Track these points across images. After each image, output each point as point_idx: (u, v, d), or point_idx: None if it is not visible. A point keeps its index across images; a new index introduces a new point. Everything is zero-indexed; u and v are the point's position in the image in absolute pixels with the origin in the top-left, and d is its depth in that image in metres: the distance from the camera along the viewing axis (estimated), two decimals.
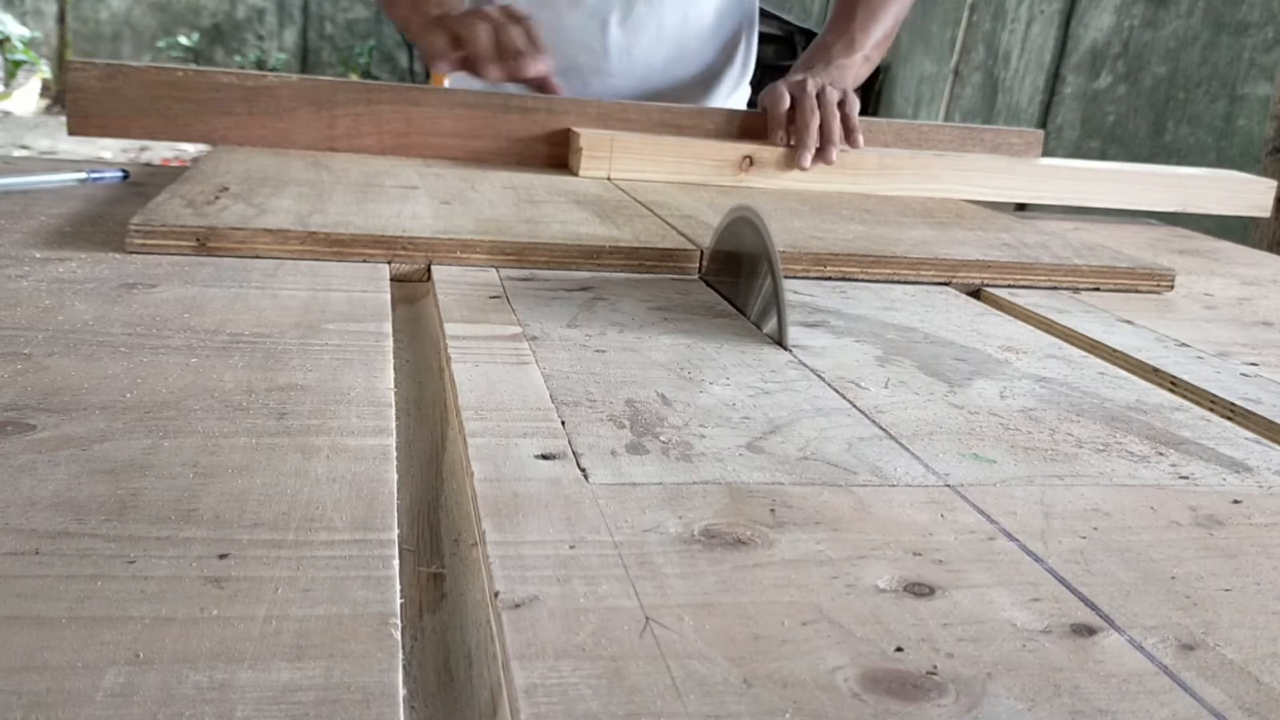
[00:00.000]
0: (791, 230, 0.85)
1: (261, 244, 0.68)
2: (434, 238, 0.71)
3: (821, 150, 1.10)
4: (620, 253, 0.74)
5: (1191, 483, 0.45)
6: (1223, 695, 0.30)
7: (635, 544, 0.36)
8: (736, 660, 0.29)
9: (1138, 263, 0.85)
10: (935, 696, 0.29)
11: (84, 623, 0.29)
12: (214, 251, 0.68)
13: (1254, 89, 4.06)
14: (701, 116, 1.19)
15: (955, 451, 0.47)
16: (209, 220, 0.69)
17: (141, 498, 0.36)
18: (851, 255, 0.78)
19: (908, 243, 0.84)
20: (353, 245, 0.69)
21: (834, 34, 1.25)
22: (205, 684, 0.27)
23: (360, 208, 0.78)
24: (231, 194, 0.78)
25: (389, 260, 0.69)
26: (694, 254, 0.75)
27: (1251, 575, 0.37)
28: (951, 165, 1.14)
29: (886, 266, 0.78)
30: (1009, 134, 1.29)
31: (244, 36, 9.47)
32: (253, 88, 1.04)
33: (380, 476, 0.39)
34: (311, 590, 0.31)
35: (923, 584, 0.35)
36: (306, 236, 0.69)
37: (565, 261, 0.73)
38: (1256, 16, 4.07)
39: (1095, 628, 0.33)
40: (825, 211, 0.96)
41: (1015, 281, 0.80)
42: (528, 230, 0.76)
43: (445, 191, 0.88)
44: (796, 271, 0.77)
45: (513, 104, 1.11)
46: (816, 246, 0.79)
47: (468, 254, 0.71)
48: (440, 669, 0.31)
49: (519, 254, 0.72)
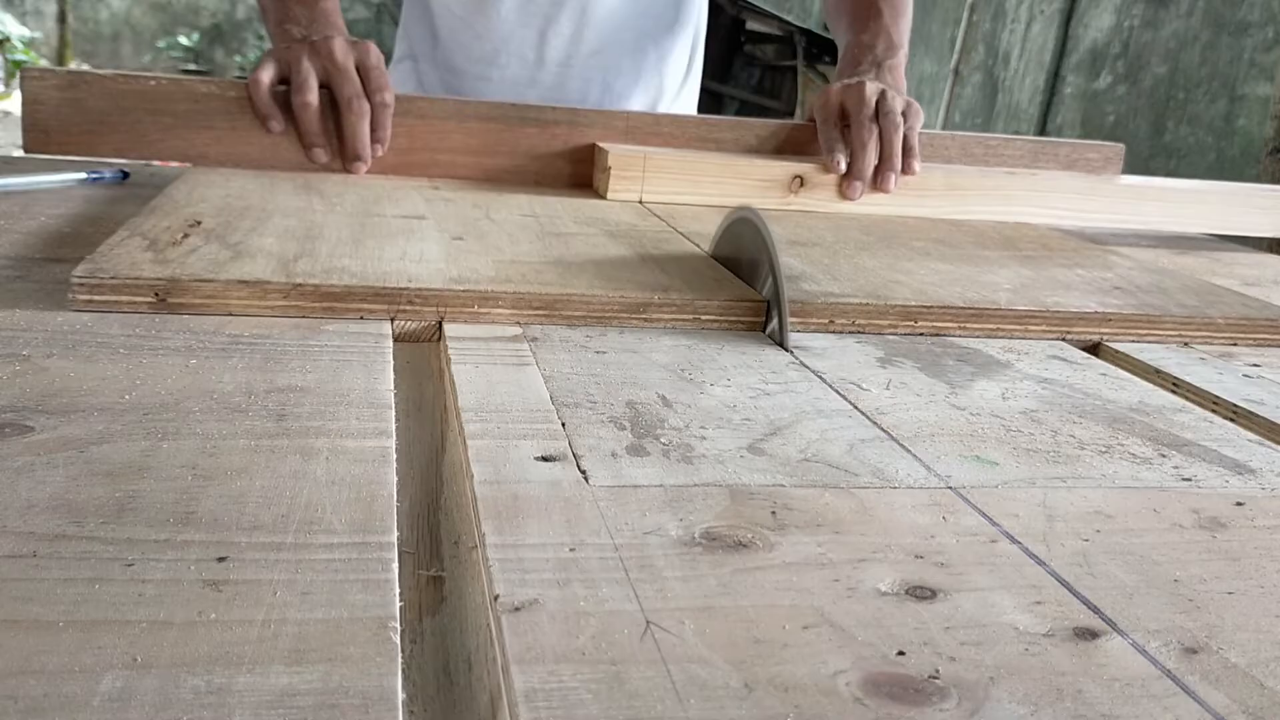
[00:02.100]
0: (864, 271, 0.73)
1: (235, 299, 0.56)
2: (446, 289, 0.59)
3: (879, 177, 0.98)
4: (672, 306, 0.62)
5: (1194, 485, 0.45)
6: (1226, 699, 0.30)
7: (636, 546, 0.35)
8: (737, 664, 0.29)
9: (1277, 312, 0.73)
10: (937, 701, 0.28)
11: (81, 626, 0.29)
12: (177, 309, 0.56)
13: (1254, 89, 4.06)
14: (743, 129, 1.06)
15: (957, 453, 0.47)
16: (171, 269, 0.57)
17: (140, 500, 0.36)
18: (947, 308, 0.66)
19: (1004, 287, 0.72)
20: (347, 299, 0.58)
21: (868, 32, 1.11)
22: (203, 688, 0.27)
23: (357, 247, 0.66)
24: (204, 230, 0.67)
25: (391, 317, 0.58)
26: (760, 307, 0.63)
27: (1255, 578, 0.37)
28: (1026, 185, 1.03)
29: (989, 320, 0.66)
30: (1086, 148, 1.17)
31: (244, 36, 9.47)
32: (235, 98, 0.93)
33: (380, 479, 0.39)
34: (310, 593, 0.31)
35: (924, 587, 0.34)
36: (291, 289, 0.57)
37: (606, 318, 0.61)
38: (1256, 16, 4.07)
39: (1098, 631, 0.33)
40: (894, 243, 0.85)
41: (1140, 336, 0.68)
42: (558, 277, 0.64)
43: (457, 222, 0.77)
44: (883, 328, 0.65)
45: (530, 116, 1.00)
46: (904, 296, 0.67)
47: (487, 308, 0.59)
48: (440, 673, 0.31)
49: (549, 308, 0.60)
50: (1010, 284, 0.73)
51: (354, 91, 0.92)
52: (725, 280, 0.66)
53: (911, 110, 1.00)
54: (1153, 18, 4.60)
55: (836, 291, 0.66)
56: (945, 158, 1.12)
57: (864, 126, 0.97)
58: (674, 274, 0.67)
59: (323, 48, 0.92)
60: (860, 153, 0.97)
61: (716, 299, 0.62)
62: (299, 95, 0.91)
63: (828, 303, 0.64)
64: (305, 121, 0.92)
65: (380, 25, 9.16)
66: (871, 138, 0.97)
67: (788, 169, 0.98)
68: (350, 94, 0.92)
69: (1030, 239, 0.92)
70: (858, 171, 0.97)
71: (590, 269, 0.67)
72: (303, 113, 0.92)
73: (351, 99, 0.92)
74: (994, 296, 0.69)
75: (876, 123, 0.97)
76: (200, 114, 0.93)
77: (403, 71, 1.26)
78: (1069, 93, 5.15)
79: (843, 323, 0.64)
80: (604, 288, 0.62)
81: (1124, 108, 4.76)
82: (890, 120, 0.98)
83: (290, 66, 0.92)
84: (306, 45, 0.93)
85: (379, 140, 0.94)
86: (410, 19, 1.27)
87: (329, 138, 0.93)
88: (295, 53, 0.93)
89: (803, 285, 0.67)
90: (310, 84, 0.91)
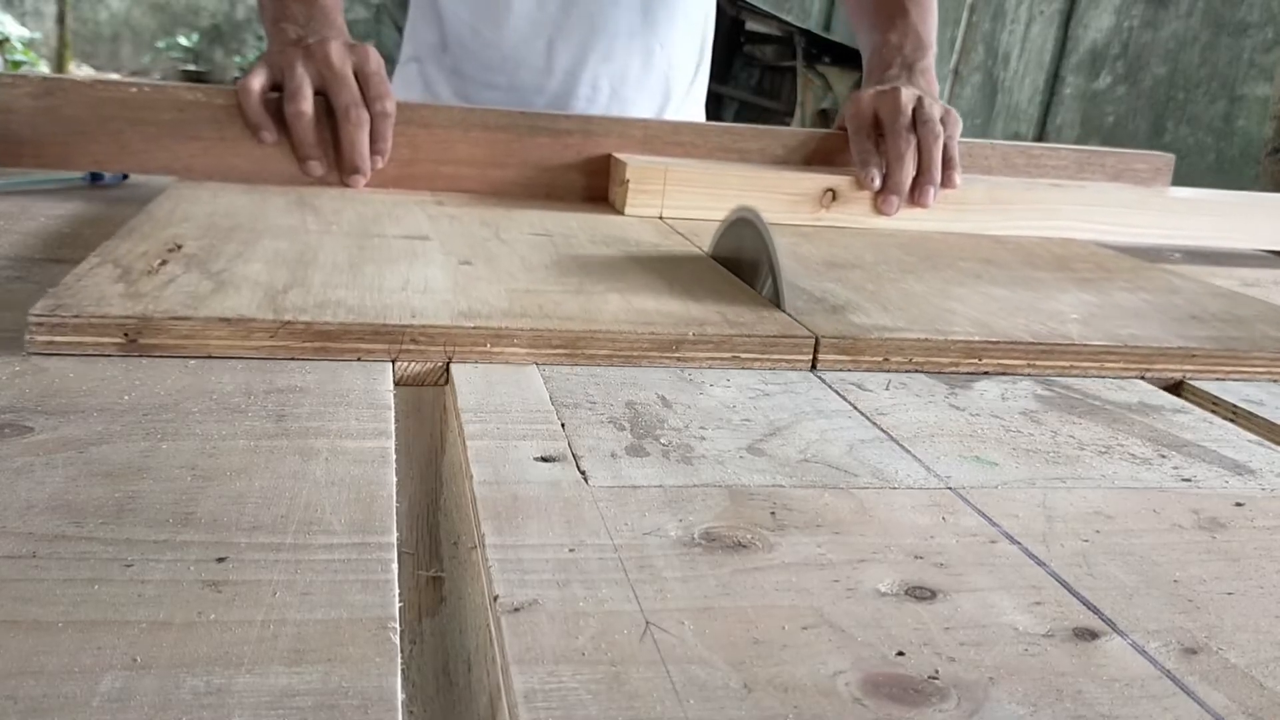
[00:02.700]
0: (914, 299, 0.67)
1: (216, 339, 0.50)
2: (454, 326, 0.53)
3: (917, 191, 0.91)
4: (709, 344, 0.55)
5: (1194, 485, 0.45)
6: (1226, 700, 0.30)
7: (635, 547, 0.35)
8: (737, 665, 0.29)
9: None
10: (937, 701, 0.28)
11: (81, 626, 0.29)
12: (149, 351, 0.50)
13: (1253, 89, 4.06)
14: (769, 138, 1.00)
15: (957, 454, 0.47)
16: (144, 304, 0.51)
17: (139, 500, 0.36)
18: (1015, 344, 0.59)
19: (1071, 316, 0.66)
20: (343, 338, 0.51)
21: (895, 32, 1.04)
22: (202, 689, 0.26)
23: (355, 274, 0.60)
24: (184, 256, 0.61)
25: (393, 358, 0.52)
26: (808, 343, 0.57)
27: (1254, 578, 0.37)
28: (1072, 199, 0.97)
29: (1061, 357, 0.60)
30: (1133, 158, 1.10)
31: (244, 37, 9.48)
32: (224, 106, 0.87)
33: (379, 479, 0.39)
34: (310, 594, 0.31)
35: (924, 587, 0.34)
36: (278, 328, 0.51)
37: (635, 356, 0.55)
38: (1256, 17, 4.07)
39: (1097, 631, 0.33)
40: (939, 264, 0.79)
41: (1226, 374, 0.62)
42: (580, 308, 0.58)
43: (464, 243, 0.71)
44: (943, 366, 0.58)
45: (541, 125, 0.94)
46: (964, 329, 0.60)
47: (501, 347, 0.53)
48: (439, 673, 0.31)
49: (570, 346, 0.54)
50: (1076, 313, 0.67)
51: (352, 99, 0.86)
52: (766, 312, 0.60)
53: (950, 118, 0.95)
54: (1152, 18, 4.61)
55: (890, 325, 0.60)
56: (985, 168, 1.05)
57: (900, 136, 0.91)
58: (707, 303, 0.61)
59: (318, 51, 0.87)
60: (897, 165, 0.91)
61: (757, 334, 0.56)
62: (292, 104, 0.86)
63: (882, 339, 0.58)
64: (299, 132, 0.86)
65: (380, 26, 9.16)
66: (909, 149, 0.91)
67: (818, 182, 0.92)
68: (348, 102, 0.86)
69: (1082, 258, 0.87)
70: (894, 185, 0.91)
71: (614, 299, 0.60)
72: (296, 122, 0.86)
73: (349, 107, 0.86)
74: (1064, 329, 0.63)
75: (914, 132, 0.92)
76: (186, 123, 0.87)
77: (408, 74, 1.23)
78: (1068, 93, 5.15)
79: (898, 360, 0.58)
80: (631, 322, 0.56)
81: (1123, 108, 4.76)
82: (929, 129, 0.92)
83: (283, 72, 0.87)
84: (301, 49, 0.87)
85: (379, 152, 0.88)
86: (418, 21, 1.23)
87: (325, 149, 0.88)
88: (289, 57, 0.87)
89: (850, 317, 0.61)
90: (304, 91, 0.86)
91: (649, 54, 1.20)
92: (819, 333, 0.57)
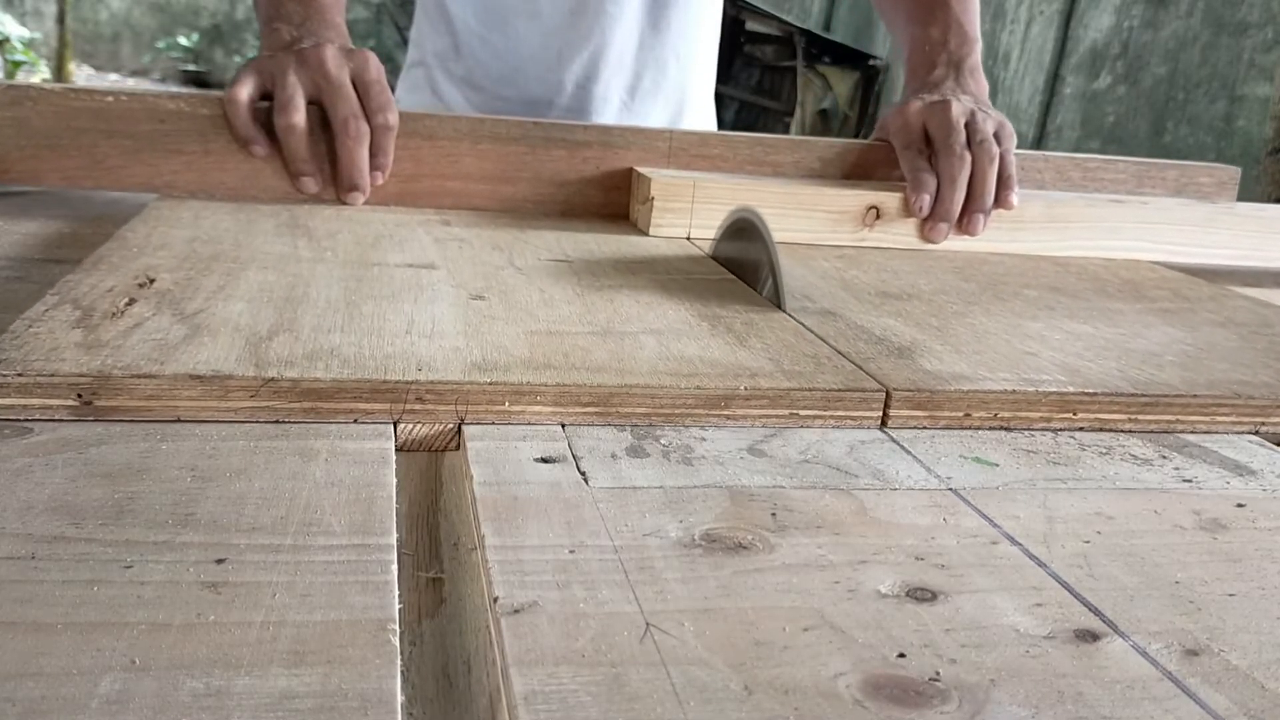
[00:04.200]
0: (986, 338, 0.60)
1: (186, 399, 0.43)
2: (468, 382, 0.45)
3: (966, 218, 0.85)
4: (762, 399, 0.48)
5: (1195, 486, 0.45)
6: (1228, 702, 0.30)
7: (635, 548, 0.35)
8: (737, 666, 0.29)
9: None
10: (938, 703, 0.28)
11: (80, 628, 0.29)
12: (105, 414, 0.42)
13: (1253, 90, 4.06)
14: (804, 150, 0.93)
15: (957, 455, 0.47)
16: (103, 357, 0.44)
17: (139, 502, 0.36)
18: (1115, 396, 0.52)
19: (1166, 358, 0.58)
20: (336, 397, 0.44)
21: (937, 25, 0.97)
22: (202, 690, 0.26)
23: (351, 314, 0.53)
24: (156, 292, 0.54)
25: (395, 419, 0.45)
26: (877, 397, 0.49)
27: (1256, 580, 0.37)
28: (1135, 216, 0.90)
29: (1166, 410, 0.52)
30: (1196, 171, 1.03)
31: (244, 37, 9.48)
32: (209, 117, 0.80)
33: (379, 480, 0.39)
34: (309, 595, 0.31)
35: (925, 589, 0.34)
36: (260, 386, 0.43)
37: (675, 415, 0.47)
38: (1256, 17, 4.07)
39: (1099, 633, 0.33)
40: (1002, 292, 0.72)
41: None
42: (611, 355, 0.50)
43: (475, 272, 0.65)
44: (1033, 422, 0.51)
45: (556, 136, 0.86)
46: (1053, 377, 0.53)
47: (521, 405, 0.46)
48: (439, 675, 0.31)
49: (603, 404, 0.47)
50: (1170, 352, 0.60)
51: (350, 111, 0.79)
52: (824, 357, 0.53)
53: (1004, 132, 0.88)
54: (1152, 18, 4.60)
55: (968, 372, 0.53)
56: (1037, 182, 0.98)
57: (954, 156, 0.84)
58: (756, 347, 0.54)
59: (312, 57, 0.80)
60: (949, 189, 0.84)
61: (819, 386, 0.49)
62: (283, 116, 0.79)
63: (963, 391, 0.50)
64: (291, 146, 0.79)
65: (380, 26, 9.16)
66: (962, 171, 0.84)
67: (861, 198, 0.84)
68: (346, 114, 0.79)
69: (1154, 283, 0.80)
70: (944, 212, 0.84)
71: (649, 342, 0.53)
72: (288, 136, 0.79)
73: (347, 120, 0.79)
74: (1163, 376, 0.55)
75: (969, 150, 0.85)
76: (167, 135, 0.79)
77: (414, 79, 1.19)
78: (1068, 93, 5.15)
79: (982, 416, 0.50)
80: (672, 373, 0.49)
81: (1124, 108, 4.76)
82: (984, 150, 0.84)
83: (274, 79, 0.80)
84: (294, 54, 0.80)
85: (379, 167, 0.82)
86: (425, 26, 1.18)
87: (320, 163, 0.81)
88: (280, 63, 0.80)
89: (921, 362, 0.54)
90: (296, 102, 0.79)
91: (662, 65, 1.16)
92: (889, 385, 0.50)
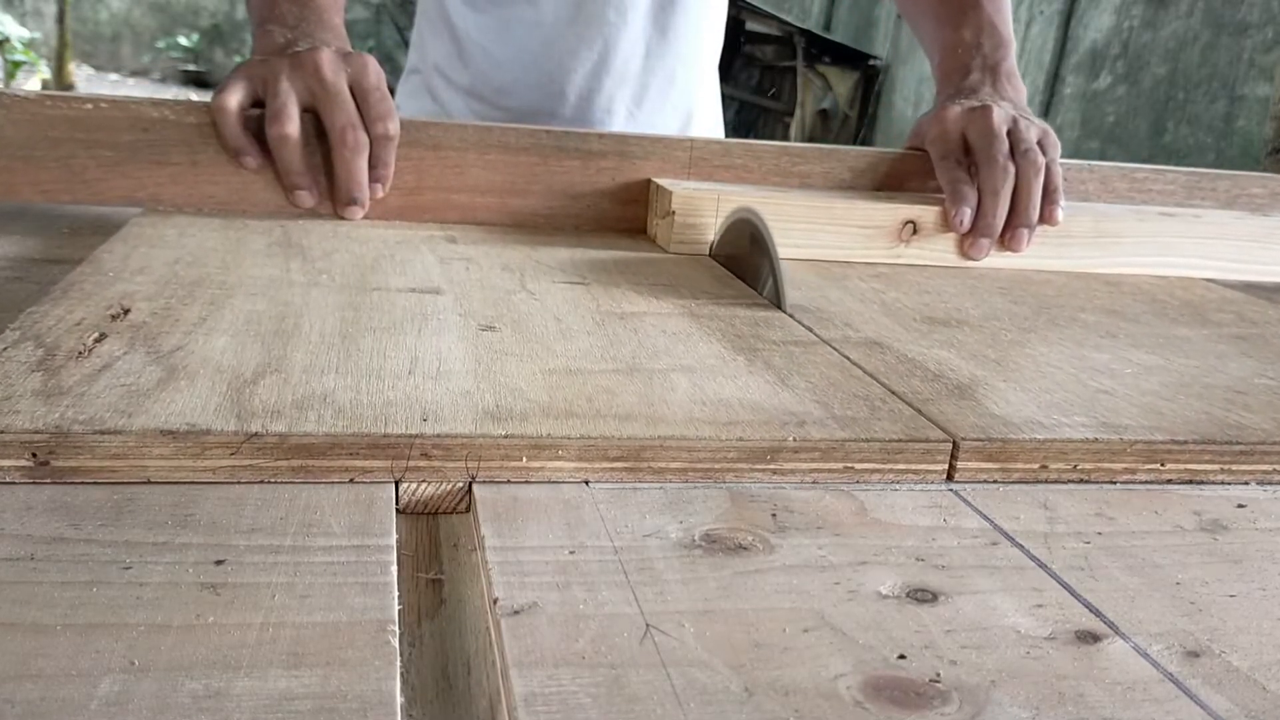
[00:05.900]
0: (1051, 373, 0.54)
1: (156, 458, 0.37)
2: (480, 435, 0.40)
3: (1009, 234, 0.80)
4: (813, 450, 0.42)
5: (1196, 487, 0.45)
6: (1229, 703, 0.30)
7: (635, 549, 0.35)
8: (737, 668, 0.29)
9: None
10: (939, 705, 0.28)
11: (79, 629, 0.29)
12: (64, 476, 0.37)
13: (1254, 89, 4.06)
14: (833, 160, 0.87)
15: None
16: (62, 409, 0.38)
17: (138, 503, 0.36)
18: (1207, 444, 0.46)
19: (1258, 400, 0.53)
20: (329, 454, 0.39)
21: (968, 27, 0.91)
22: (201, 692, 0.26)
23: (348, 350, 0.48)
24: (130, 325, 0.48)
25: (397, 479, 0.39)
26: (943, 448, 0.44)
27: (1257, 581, 0.37)
28: (1187, 231, 0.84)
29: (1263, 459, 0.47)
30: (1249, 181, 0.97)
31: (244, 37, 9.47)
32: (196, 125, 0.74)
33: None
34: (309, 597, 0.31)
35: (925, 590, 0.34)
36: (242, 443, 0.38)
37: (718, 470, 0.42)
38: (1256, 17, 4.07)
39: (1099, 634, 0.33)
40: (1057, 317, 0.67)
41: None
42: (640, 399, 0.45)
43: (483, 298, 0.59)
44: (1117, 474, 0.45)
45: (569, 145, 0.81)
46: (1135, 421, 0.48)
47: (540, 461, 0.40)
48: (439, 676, 0.31)
49: (633, 459, 0.41)
50: (1253, 389, 0.55)
51: (348, 120, 0.74)
52: (876, 400, 0.47)
53: (1049, 140, 0.82)
54: (1152, 18, 4.61)
55: (1040, 417, 0.47)
56: (1082, 194, 0.93)
57: (997, 167, 0.79)
58: (800, 387, 0.48)
59: (307, 61, 0.74)
60: (991, 202, 0.79)
61: (876, 436, 0.43)
62: (275, 125, 0.73)
63: (1037, 441, 0.45)
64: (285, 157, 0.74)
65: (380, 26, 9.15)
66: (1005, 184, 0.79)
67: (896, 212, 0.79)
68: (343, 123, 0.74)
69: (1215, 304, 0.75)
70: (985, 227, 0.79)
71: (680, 382, 0.47)
72: (281, 147, 0.74)
73: (345, 129, 0.74)
74: (1253, 419, 0.49)
75: (1013, 161, 0.79)
76: (151, 145, 0.74)
77: (413, 85, 1.16)
78: (1069, 93, 5.15)
79: (1060, 468, 0.45)
80: (711, 421, 0.43)
81: (1124, 108, 4.76)
82: (1029, 161, 0.79)
83: (266, 85, 0.75)
84: (287, 58, 0.75)
85: (379, 179, 0.76)
86: (427, 32, 1.14)
87: (316, 176, 0.76)
88: (273, 68, 0.75)
89: (985, 404, 0.48)
90: (289, 110, 0.73)
91: (670, 74, 1.12)
92: (956, 434, 0.44)
